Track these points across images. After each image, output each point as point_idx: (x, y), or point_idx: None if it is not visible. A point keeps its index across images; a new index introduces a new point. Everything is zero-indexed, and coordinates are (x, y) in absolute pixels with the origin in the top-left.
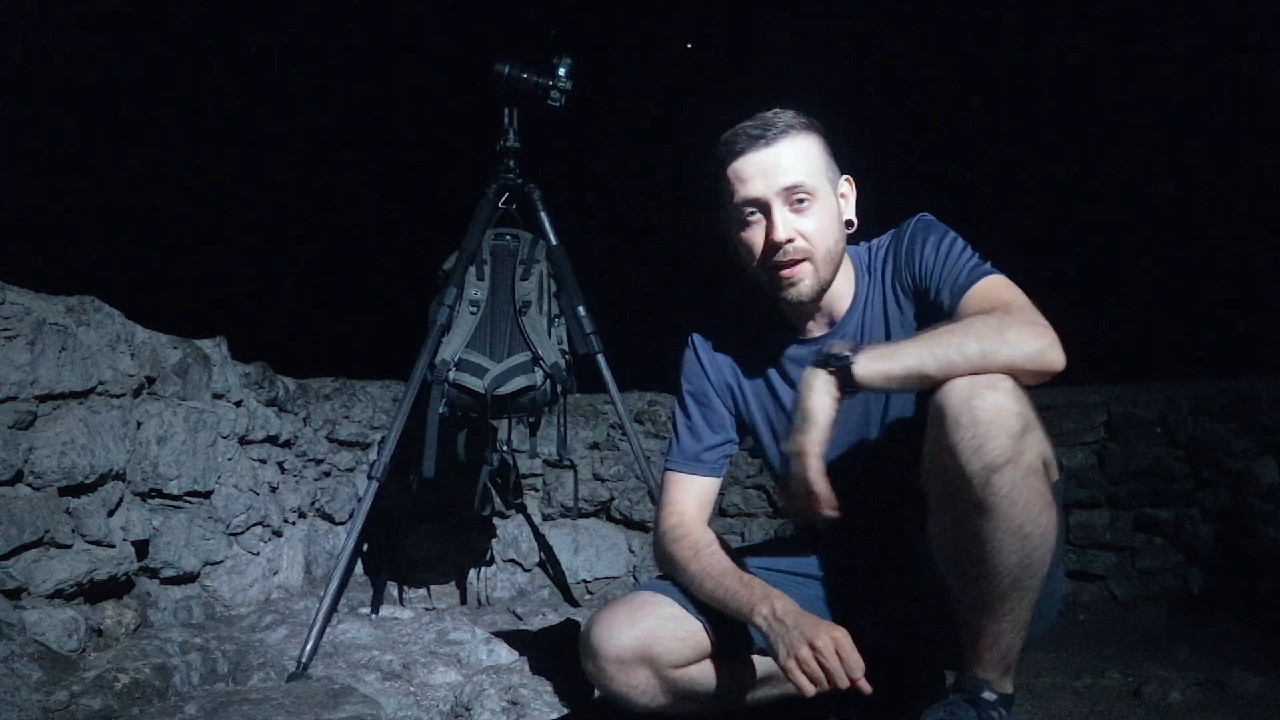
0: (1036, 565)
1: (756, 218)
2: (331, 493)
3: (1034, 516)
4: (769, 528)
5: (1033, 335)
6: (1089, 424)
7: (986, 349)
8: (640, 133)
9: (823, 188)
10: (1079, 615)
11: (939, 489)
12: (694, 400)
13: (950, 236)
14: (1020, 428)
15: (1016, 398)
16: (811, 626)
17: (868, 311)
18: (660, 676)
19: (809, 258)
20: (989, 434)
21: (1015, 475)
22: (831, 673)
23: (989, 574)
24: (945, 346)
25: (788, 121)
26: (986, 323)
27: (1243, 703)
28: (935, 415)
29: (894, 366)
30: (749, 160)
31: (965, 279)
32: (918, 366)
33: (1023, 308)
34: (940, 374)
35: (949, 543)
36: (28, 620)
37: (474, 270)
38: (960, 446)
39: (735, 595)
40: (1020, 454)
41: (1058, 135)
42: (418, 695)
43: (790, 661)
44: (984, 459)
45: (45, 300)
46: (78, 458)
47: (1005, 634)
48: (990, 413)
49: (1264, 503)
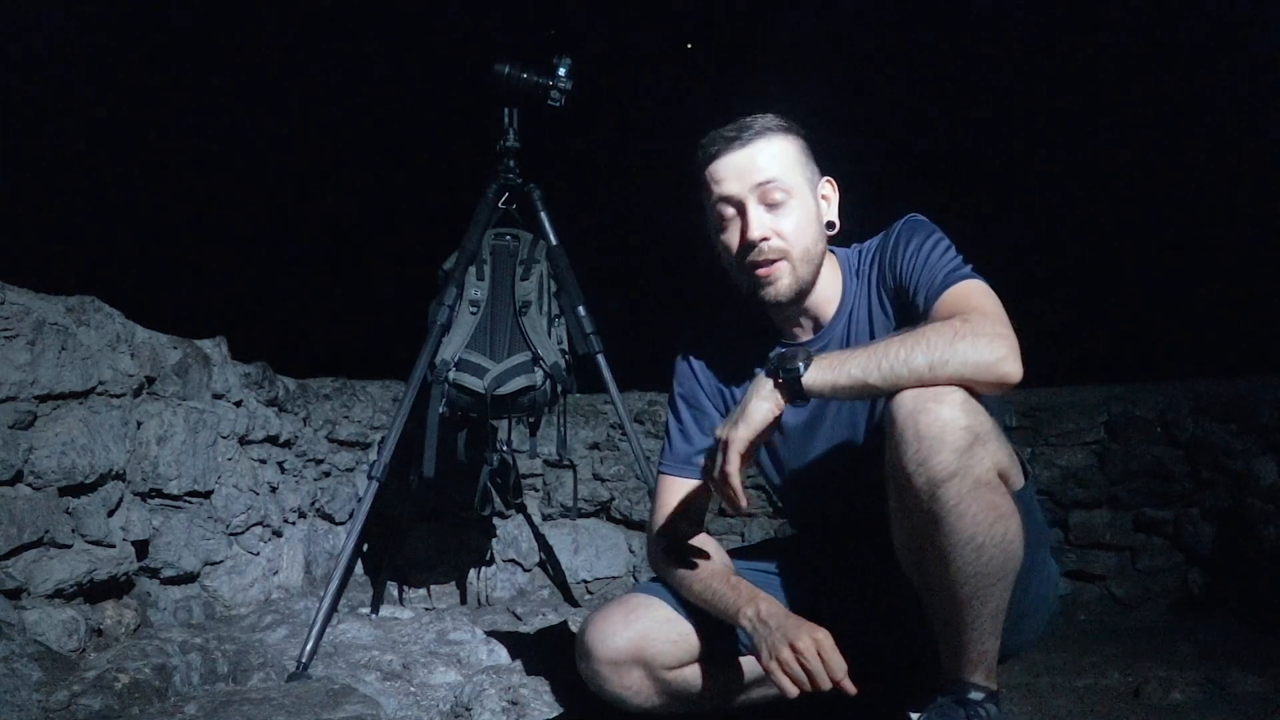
0: (994, 575)
1: (732, 215)
2: (331, 493)
3: (986, 528)
4: (769, 528)
5: (986, 346)
6: (1089, 424)
7: (934, 360)
8: (640, 132)
9: (799, 187)
10: (1079, 615)
11: (895, 500)
12: (685, 404)
13: (934, 238)
14: (966, 442)
15: (965, 410)
16: (794, 628)
17: (854, 315)
18: (654, 678)
19: (785, 257)
20: (932, 449)
21: (962, 489)
22: (813, 674)
23: (946, 585)
24: (891, 358)
25: (764, 124)
26: (939, 332)
27: (1243, 703)
28: (887, 426)
29: (840, 378)
30: (724, 161)
31: (940, 283)
32: (862, 378)
33: (986, 316)
34: (886, 386)
35: (907, 553)
36: (28, 620)
37: (474, 270)
38: (905, 460)
39: (722, 597)
40: (968, 468)
41: (1058, 135)
42: (418, 695)
43: (772, 663)
44: (928, 473)
45: (45, 300)
46: (78, 458)
47: (976, 639)
48: (934, 428)
49: (1264, 503)
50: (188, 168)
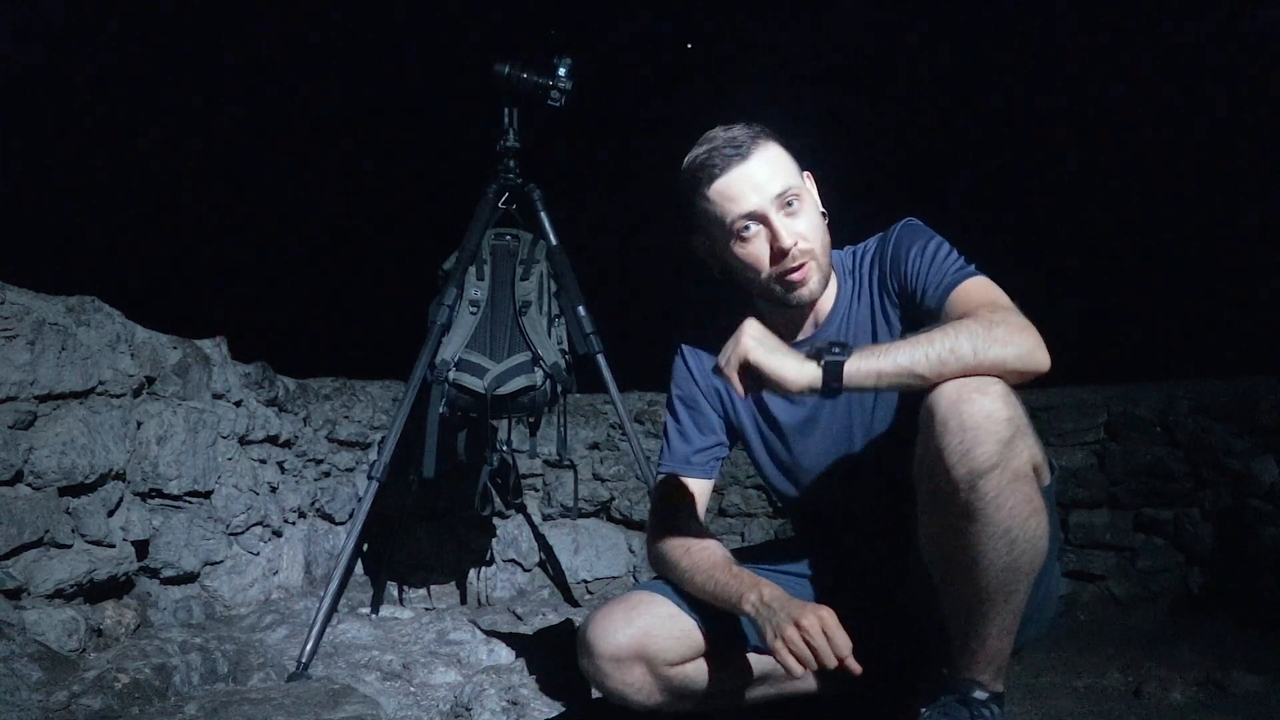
0: (1024, 570)
1: (754, 231)
2: (331, 493)
3: (1021, 522)
4: (769, 528)
5: (1020, 335)
6: (1089, 424)
7: (977, 347)
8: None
9: (803, 187)
10: (1079, 615)
11: (927, 492)
12: (683, 405)
13: (936, 240)
14: (1009, 433)
15: (1007, 402)
16: (798, 608)
17: (852, 314)
18: (656, 674)
19: (812, 256)
20: (976, 439)
21: (1002, 480)
22: (818, 651)
23: (974, 578)
24: (938, 348)
25: (752, 133)
26: (976, 321)
27: (1243, 703)
28: (925, 418)
29: (886, 365)
30: (732, 178)
31: (950, 280)
32: (909, 366)
33: (1008, 308)
34: (933, 374)
35: (936, 545)
36: (28, 620)
37: (474, 270)
38: (947, 451)
39: (725, 586)
40: (1008, 459)
41: (1059, 134)
42: (418, 695)
43: (777, 642)
44: (970, 464)
45: (45, 300)
46: (78, 458)
47: (992, 637)
48: (978, 418)
49: (1264, 503)
50: (187, 167)
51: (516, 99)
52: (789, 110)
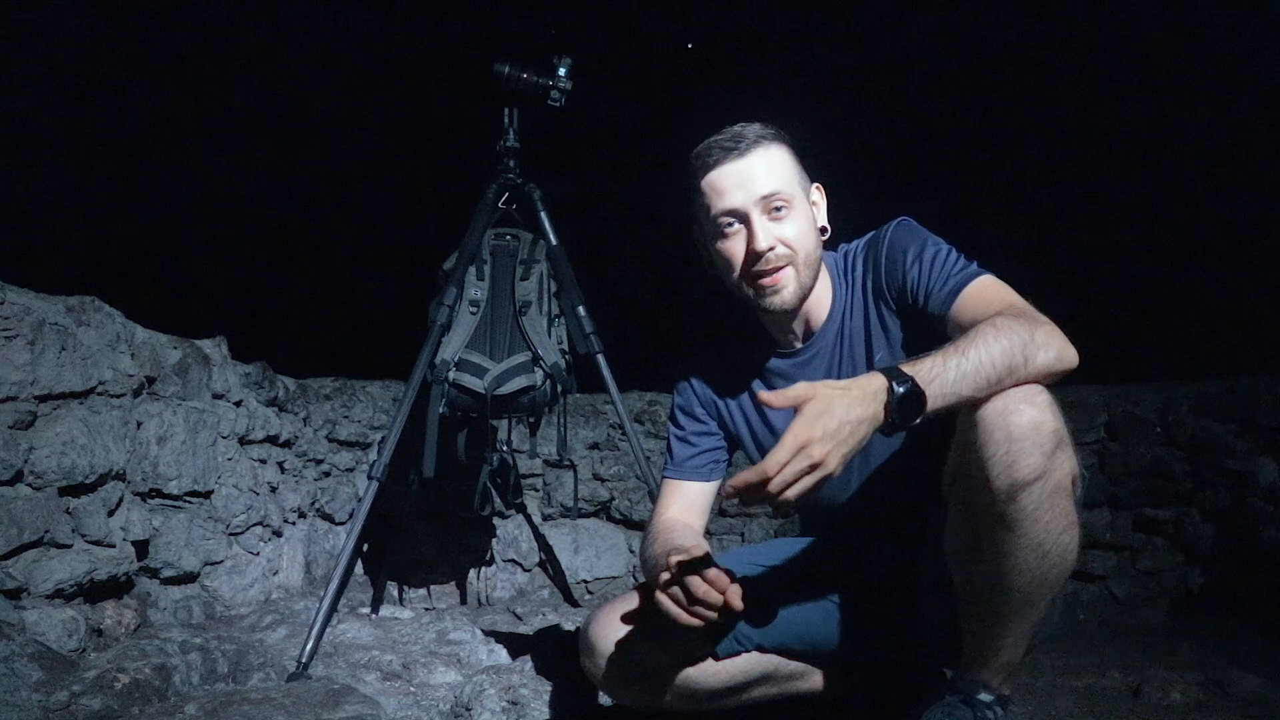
0: (1051, 583)
1: (735, 229)
2: (331, 493)
3: (1055, 536)
4: (769, 528)
5: (1053, 336)
6: (1089, 424)
7: (1029, 357)
8: (640, 132)
9: (797, 195)
10: (1079, 615)
11: (963, 499)
12: (682, 413)
13: (932, 241)
14: (1054, 445)
15: (1053, 412)
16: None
17: (846, 320)
18: (657, 674)
19: (790, 263)
20: (1023, 450)
21: (1043, 493)
22: (694, 593)
23: (1001, 587)
24: (986, 369)
25: (758, 133)
26: (1014, 324)
27: (1243, 702)
28: (966, 426)
29: (950, 401)
30: (724, 172)
31: (955, 281)
32: (971, 396)
33: (1026, 306)
34: (1009, 378)
35: (965, 552)
36: (28, 620)
37: (474, 270)
38: (992, 461)
39: (657, 565)
40: (1050, 471)
41: (1059, 134)
42: (418, 695)
43: (658, 594)
44: (1014, 475)
45: (45, 300)
46: (78, 458)
47: (1009, 646)
48: (1026, 428)
49: (1264, 503)
50: (187, 167)
51: (516, 99)
52: (789, 111)
